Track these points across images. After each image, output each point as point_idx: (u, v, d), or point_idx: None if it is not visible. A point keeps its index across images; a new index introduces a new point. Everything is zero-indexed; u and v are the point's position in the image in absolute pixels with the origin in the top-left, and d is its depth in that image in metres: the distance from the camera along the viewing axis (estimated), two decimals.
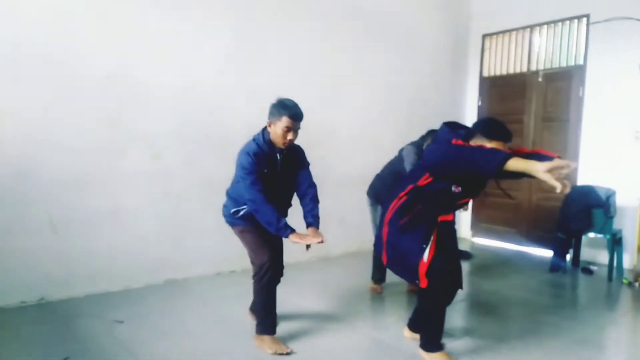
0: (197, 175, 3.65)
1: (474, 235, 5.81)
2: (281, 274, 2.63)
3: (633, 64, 4.39)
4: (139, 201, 3.41)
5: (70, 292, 3.12)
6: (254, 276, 2.47)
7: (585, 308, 3.49)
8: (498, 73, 5.58)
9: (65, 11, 3.04)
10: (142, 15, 3.34)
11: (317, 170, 4.37)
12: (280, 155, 2.46)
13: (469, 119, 5.79)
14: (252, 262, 2.50)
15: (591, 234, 4.17)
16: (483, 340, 2.71)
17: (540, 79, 5.15)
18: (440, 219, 2.36)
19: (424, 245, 2.27)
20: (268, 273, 2.42)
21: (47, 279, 3.05)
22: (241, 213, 2.52)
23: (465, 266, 4.51)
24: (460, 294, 3.76)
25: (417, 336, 2.55)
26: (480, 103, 5.72)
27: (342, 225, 4.59)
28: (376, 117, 4.89)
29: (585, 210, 4.14)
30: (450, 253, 2.42)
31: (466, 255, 4.79)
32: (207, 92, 3.68)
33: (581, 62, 4.80)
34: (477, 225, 5.79)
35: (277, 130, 2.37)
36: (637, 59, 4.38)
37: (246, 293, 2.76)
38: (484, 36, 5.66)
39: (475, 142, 2.21)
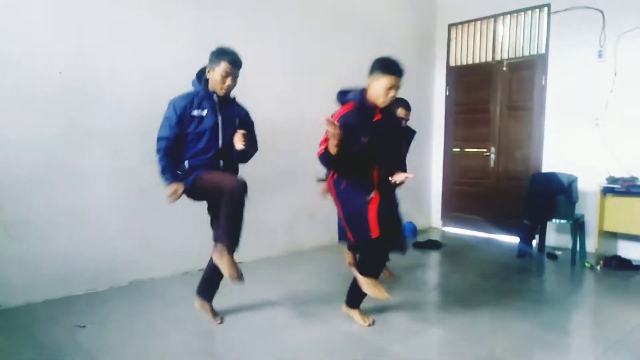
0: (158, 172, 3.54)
1: (444, 224, 5.90)
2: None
3: (592, 53, 4.51)
4: (100, 201, 3.28)
5: (29, 297, 2.99)
6: (227, 200, 2.35)
7: (550, 292, 3.59)
8: (464, 62, 5.64)
9: (14, 5, 2.87)
10: (97, 8, 3.20)
11: (288, 165, 4.36)
12: (217, 100, 2.53)
13: (438, 109, 5.85)
14: (222, 195, 2.36)
15: (555, 220, 4.28)
16: (453, 327, 2.74)
17: (505, 68, 5.24)
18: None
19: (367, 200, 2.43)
20: (237, 193, 2.35)
21: (3, 285, 2.90)
22: (186, 169, 2.54)
23: (435, 255, 4.60)
24: (431, 282, 3.87)
25: (351, 312, 2.74)
26: (447, 93, 5.77)
27: (313, 220, 4.58)
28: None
29: (549, 197, 4.24)
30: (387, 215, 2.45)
31: (437, 245, 4.85)
32: (165, 87, 3.55)
33: (543, 50, 4.90)
34: (447, 215, 5.88)
35: (216, 76, 2.47)
36: (596, 47, 4.49)
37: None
38: (450, 26, 5.70)
39: (374, 78, 2.51)
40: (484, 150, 5.45)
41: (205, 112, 2.50)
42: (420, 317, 2.97)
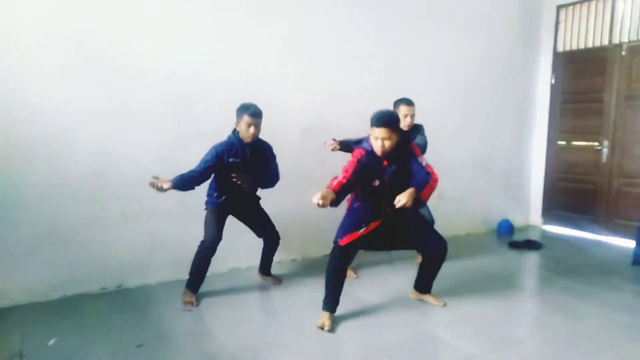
0: None
1: (544, 222, 5.49)
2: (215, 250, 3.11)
3: None
4: (203, 194, 3.55)
5: (145, 279, 3.36)
6: (198, 247, 3.07)
7: None
8: (574, 47, 5.12)
9: (126, 14, 3.19)
10: (199, 16, 3.43)
11: None
12: (248, 148, 3.10)
13: (541, 98, 5.41)
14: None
15: None
16: (553, 339, 2.57)
17: (623, 53, 4.67)
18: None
19: (363, 225, 2.74)
20: (206, 249, 3.04)
21: (124, 267, 3.30)
22: (207, 199, 3.24)
23: (534, 257, 4.31)
24: (528, 288, 3.62)
25: (423, 296, 3.07)
26: (553, 81, 5.30)
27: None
28: (437, 103, 4.69)
29: None
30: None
31: (536, 245, 4.54)
32: (263, 91, 3.71)
33: None
34: (549, 212, 5.45)
35: (242, 126, 3.02)
36: None
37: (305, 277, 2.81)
38: (559, 7, 5.20)
39: (370, 130, 2.72)
40: (595, 143, 4.94)
41: (238, 159, 3.10)
42: (514, 325, 2.83)
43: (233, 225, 3.45)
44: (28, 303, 2.96)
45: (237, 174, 3.04)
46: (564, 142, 5.30)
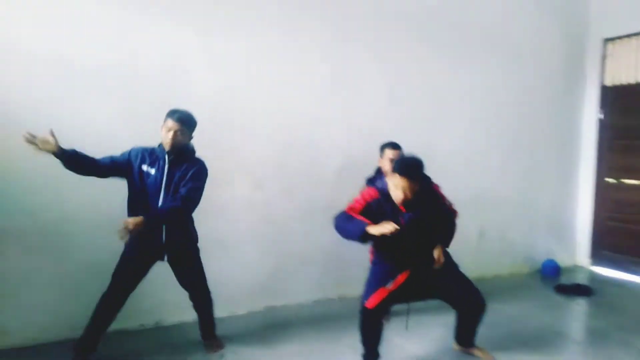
0: (295, 204, 3.70)
1: (592, 263, 5.20)
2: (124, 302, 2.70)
3: None
4: (240, 229, 3.54)
5: (183, 316, 3.33)
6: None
7: None
8: (624, 82, 4.93)
9: (177, 52, 3.26)
10: (243, 53, 3.48)
11: None
12: (168, 159, 2.58)
13: (588, 133, 5.21)
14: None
15: None
16: None
17: None
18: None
19: (390, 279, 2.55)
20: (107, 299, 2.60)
21: (162, 304, 3.28)
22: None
23: (584, 304, 4.04)
24: (585, 343, 3.33)
25: (470, 350, 2.84)
26: (602, 116, 5.10)
27: None
28: (479, 137, 4.59)
29: None
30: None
31: (586, 290, 4.28)
32: (304, 123, 3.73)
33: None
34: (598, 253, 5.17)
35: (163, 132, 2.56)
36: None
37: (345, 321, 2.70)
38: (606, 40, 5.04)
39: (392, 175, 2.51)
40: None
41: (152, 170, 2.59)
42: None
43: (271, 257, 3.43)
44: (69, 338, 2.96)
45: (129, 219, 2.42)
46: (613, 180, 5.05)
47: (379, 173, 3.33)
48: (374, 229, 2.34)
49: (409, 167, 2.48)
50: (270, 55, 3.57)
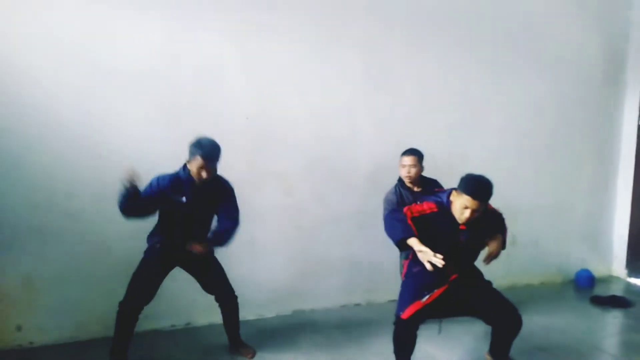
0: (326, 210, 3.70)
1: (629, 274, 5.02)
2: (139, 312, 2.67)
3: None
4: (271, 234, 3.56)
5: (213, 318, 3.36)
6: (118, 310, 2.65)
7: None
8: None
9: (216, 64, 3.31)
10: (277, 60, 3.50)
11: None
12: (198, 187, 2.63)
13: (627, 140, 5.03)
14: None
15: None
16: None
17: None
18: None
19: (426, 293, 2.48)
20: (125, 315, 2.62)
21: (192, 306, 3.33)
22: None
23: (622, 317, 3.90)
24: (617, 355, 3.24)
25: None
26: None
27: None
28: (513, 144, 4.48)
29: None
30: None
31: (624, 302, 4.13)
32: (335, 128, 3.72)
33: None
34: (635, 263, 4.99)
35: (193, 167, 2.56)
36: None
37: (374, 327, 2.69)
38: None
39: (457, 193, 2.42)
40: None
41: (183, 199, 2.63)
42: None
43: (300, 262, 3.43)
44: (103, 337, 3.04)
45: (193, 244, 2.62)
46: None
47: (400, 181, 3.36)
48: (418, 246, 2.33)
49: (482, 190, 2.38)
50: (304, 64, 3.59)
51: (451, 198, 2.46)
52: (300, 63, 3.57)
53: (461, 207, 2.39)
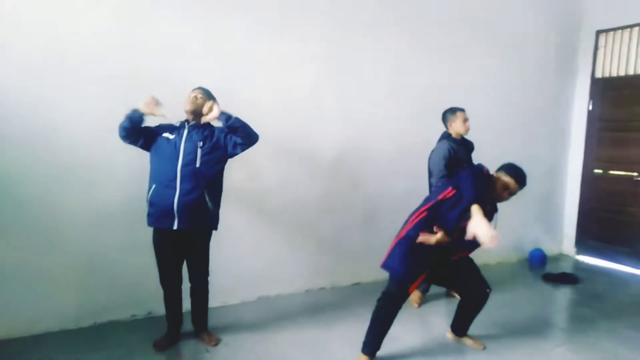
0: (290, 194, 3.67)
1: (578, 252, 5.31)
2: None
3: None
4: (237, 219, 3.50)
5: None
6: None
7: None
8: (614, 74, 4.98)
9: (176, 35, 3.17)
10: (239, 41, 3.40)
11: (401, 184, 4.20)
12: (188, 125, 2.74)
13: (577, 124, 5.28)
14: None
15: None
16: None
17: None
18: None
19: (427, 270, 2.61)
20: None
21: (153, 295, 3.22)
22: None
23: (570, 293, 4.13)
24: (572, 331, 3.37)
25: (461, 339, 2.94)
26: (591, 107, 5.16)
27: None
28: (476, 127, 4.54)
29: None
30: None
31: (572, 279, 4.38)
32: (299, 112, 3.67)
33: None
34: (583, 242, 5.28)
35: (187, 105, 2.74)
36: None
37: (339, 309, 2.71)
38: (598, 32, 5.07)
39: (502, 175, 2.61)
40: (634, 174, 4.78)
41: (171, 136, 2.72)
42: None
43: (264, 247, 3.40)
44: (59, 330, 2.93)
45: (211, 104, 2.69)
46: (600, 171, 5.14)
47: (449, 138, 3.52)
48: (480, 214, 2.27)
49: (525, 178, 2.64)
50: (267, 44, 3.51)
51: (498, 180, 2.60)
52: (263, 44, 3.48)
53: (504, 188, 2.58)
